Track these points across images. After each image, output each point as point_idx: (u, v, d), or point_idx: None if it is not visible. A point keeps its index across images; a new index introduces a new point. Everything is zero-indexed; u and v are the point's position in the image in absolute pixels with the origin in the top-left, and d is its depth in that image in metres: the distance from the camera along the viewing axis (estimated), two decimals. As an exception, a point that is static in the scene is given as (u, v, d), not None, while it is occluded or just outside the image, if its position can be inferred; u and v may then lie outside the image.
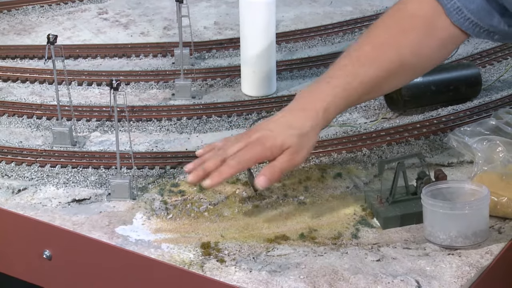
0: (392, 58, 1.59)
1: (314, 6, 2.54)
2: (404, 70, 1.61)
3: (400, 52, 1.59)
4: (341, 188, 1.75)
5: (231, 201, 1.72)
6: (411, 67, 1.62)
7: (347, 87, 1.58)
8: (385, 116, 1.99)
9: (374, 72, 1.59)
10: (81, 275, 1.69)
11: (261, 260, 1.56)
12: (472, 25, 1.55)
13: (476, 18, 1.54)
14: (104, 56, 2.27)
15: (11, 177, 1.80)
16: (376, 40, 1.62)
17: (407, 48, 1.59)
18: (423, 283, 1.49)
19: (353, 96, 1.60)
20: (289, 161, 1.57)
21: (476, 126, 1.80)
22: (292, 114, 1.61)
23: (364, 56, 1.60)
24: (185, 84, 2.07)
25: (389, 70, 1.59)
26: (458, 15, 1.55)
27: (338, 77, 1.60)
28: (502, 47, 2.23)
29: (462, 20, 1.55)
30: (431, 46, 1.60)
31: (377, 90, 1.64)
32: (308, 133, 1.58)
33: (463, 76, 2.01)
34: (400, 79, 1.65)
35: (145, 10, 2.55)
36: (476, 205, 1.56)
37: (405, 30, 1.59)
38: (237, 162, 1.57)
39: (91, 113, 2.01)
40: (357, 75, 1.59)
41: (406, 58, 1.59)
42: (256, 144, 1.58)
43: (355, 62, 1.60)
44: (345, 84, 1.58)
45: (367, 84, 1.59)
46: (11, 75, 2.18)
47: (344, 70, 1.61)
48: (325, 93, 1.59)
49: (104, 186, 1.77)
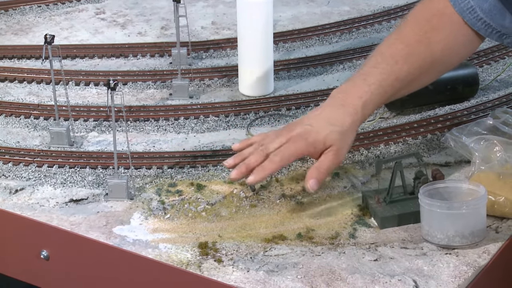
0: (424, 55, 1.61)
1: (311, 6, 2.54)
2: (435, 67, 1.63)
3: (431, 49, 1.60)
4: (338, 188, 1.75)
5: (228, 201, 1.72)
6: (441, 63, 1.64)
7: (383, 84, 1.60)
8: (383, 115, 1.99)
9: (408, 69, 1.61)
10: (78, 275, 1.69)
11: (259, 260, 1.56)
12: (485, 25, 1.56)
13: (488, 18, 1.55)
14: (101, 56, 2.27)
15: (8, 177, 1.80)
16: (407, 38, 1.63)
17: (438, 45, 1.60)
18: (421, 282, 1.49)
19: (389, 92, 1.62)
20: (334, 159, 1.58)
21: (473, 125, 1.80)
22: (332, 110, 1.61)
23: (397, 53, 1.62)
24: (183, 84, 2.07)
25: (422, 66, 1.61)
26: (471, 15, 1.56)
27: (373, 74, 1.61)
28: (499, 47, 2.23)
29: (474, 20, 1.56)
30: (459, 43, 1.61)
31: (411, 86, 1.66)
32: (348, 130, 1.59)
33: (460, 75, 2.01)
34: (431, 75, 1.67)
35: (143, 10, 2.55)
36: (473, 204, 1.56)
37: (434, 27, 1.60)
38: (280, 158, 1.57)
39: (89, 113, 2.01)
40: (392, 72, 1.60)
41: (437, 55, 1.61)
42: (298, 139, 1.58)
43: (389, 60, 1.62)
44: (380, 81, 1.60)
45: (401, 80, 1.61)
46: (8, 75, 2.18)
47: (378, 67, 1.62)
48: (362, 90, 1.60)
49: (102, 186, 1.76)
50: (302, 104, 2.03)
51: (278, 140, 1.59)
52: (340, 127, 1.58)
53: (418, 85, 1.69)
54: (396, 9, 2.46)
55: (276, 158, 1.56)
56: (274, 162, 1.56)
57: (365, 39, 2.32)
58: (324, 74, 2.17)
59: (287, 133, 1.60)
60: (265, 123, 1.98)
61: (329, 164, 1.58)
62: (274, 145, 1.58)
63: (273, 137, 1.61)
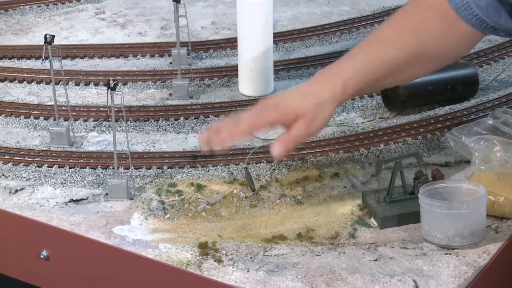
0: (413, 43, 1.59)
1: (311, 6, 2.54)
2: (424, 59, 1.61)
3: (421, 38, 1.59)
4: (338, 188, 1.75)
5: (228, 201, 1.72)
6: (432, 57, 1.62)
7: (369, 65, 1.58)
8: (383, 115, 1.99)
9: (395, 53, 1.59)
10: (78, 275, 1.69)
11: (259, 260, 1.56)
12: (480, 21, 1.56)
13: (483, 15, 1.54)
14: (101, 56, 2.27)
15: (8, 177, 1.80)
16: (397, 25, 1.62)
17: (429, 36, 1.59)
18: (421, 282, 1.49)
19: (373, 75, 1.59)
20: (305, 129, 1.54)
21: (473, 125, 1.80)
22: (310, 85, 1.59)
23: (385, 38, 1.61)
24: (183, 84, 2.07)
25: (410, 54, 1.59)
26: (466, 11, 1.55)
27: (359, 56, 1.60)
28: (499, 47, 2.23)
29: (469, 16, 1.55)
30: (452, 39, 1.60)
31: (398, 75, 1.63)
32: (324, 103, 1.56)
33: (460, 75, 2.01)
34: (420, 68, 1.64)
35: (142, 10, 2.55)
36: (473, 204, 1.56)
37: (427, 19, 1.60)
38: (248, 123, 1.55)
39: (89, 113, 2.01)
40: (378, 55, 1.59)
41: (427, 46, 1.59)
42: (269, 108, 1.56)
43: (376, 43, 1.61)
44: (366, 61, 1.58)
45: (387, 65, 1.58)
46: (8, 75, 2.18)
47: (365, 50, 1.61)
48: (345, 68, 1.58)
49: (102, 186, 1.76)
50: (302, 104, 2.02)
51: (251, 112, 1.57)
52: (315, 99, 1.55)
53: (407, 76, 1.66)
54: (396, 9, 2.46)
55: (243, 124, 1.54)
56: (243, 128, 1.54)
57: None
58: (324, 74, 2.17)
59: (259, 105, 1.58)
60: (265, 123, 1.98)
61: (299, 132, 1.54)
62: (246, 115, 1.57)
63: (247, 112, 1.59)
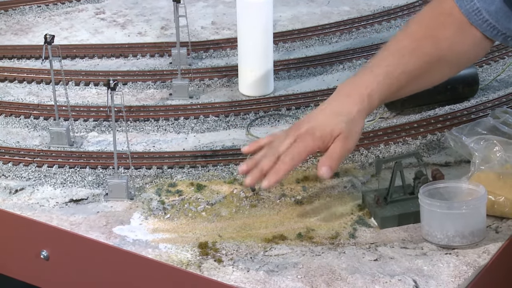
0: (431, 51, 1.61)
1: (311, 6, 2.54)
2: (441, 65, 1.63)
3: (438, 45, 1.60)
4: (338, 187, 1.75)
5: (228, 201, 1.72)
6: (449, 62, 1.63)
7: (390, 76, 1.60)
8: (383, 115, 1.99)
9: (415, 63, 1.61)
10: (78, 275, 1.69)
11: (259, 260, 1.56)
12: (490, 27, 1.56)
13: (494, 20, 1.55)
14: (101, 56, 2.27)
15: (8, 177, 1.80)
16: (414, 34, 1.64)
17: (445, 42, 1.60)
18: (421, 282, 1.49)
19: (395, 84, 1.61)
20: (343, 146, 1.57)
21: (473, 125, 1.80)
22: (338, 102, 1.61)
23: (404, 48, 1.63)
24: (183, 84, 2.07)
25: (429, 62, 1.61)
26: (476, 17, 1.56)
27: (380, 67, 1.62)
28: (499, 47, 2.23)
29: (480, 22, 1.56)
30: (466, 43, 1.61)
31: (418, 83, 1.65)
32: (355, 118, 1.59)
33: (460, 75, 2.01)
34: (438, 74, 1.66)
35: (142, 10, 2.55)
36: (473, 204, 1.56)
37: (442, 25, 1.61)
38: (290, 158, 1.57)
39: (89, 113, 2.01)
40: (399, 65, 1.61)
41: (443, 52, 1.61)
42: (306, 136, 1.58)
43: (396, 54, 1.62)
44: (387, 72, 1.60)
45: (408, 74, 1.61)
46: (8, 75, 2.18)
47: (385, 60, 1.63)
48: (368, 81, 1.60)
49: (102, 186, 1.76)
50: (302, 104, 2.03)
51: (287, 141, 1.59)
52: (346, 116, 1.58)
53: (426, 83, 1.68)
54: (396, 9, 2.46)
55: (286, 158, 1.57)
56: (286, 163, 1.56)
57: (365, 39, 2.32)
58: (324, 74, 2.17)
59: (294, 132, 1.60)
60: (265, 123, 1.98)
61: (339, 150, 1.57)
62: (284, 146, 1.59)
63: (282, 138, 1.61)
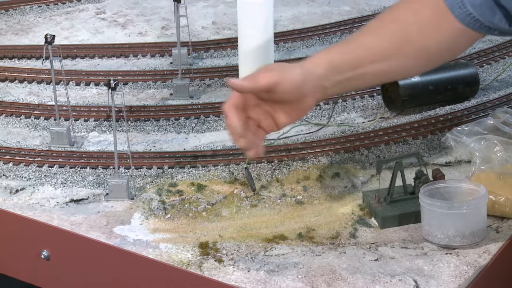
0: (396, 30, 1.57)
1: (312, 6, 2.54)
2: (413, 51, 1.58)
3: (406, 27, 1.57)
4: (339, 187, 1.75)
5: (229, 201, 1.72)
6: (421, 49, 1.58)
7: (351, 46, 1.56)
8: (383, 115, 1.99)
9: (377, 40, 1.57)
10: (79, 275, 1.69)
11: (259, 260, 1.56)
12: (474, 20, 1.55)
13: (477, 13, 1.54)
14: (102, 56, 2.27)
15: (9, 177, 1.80)
16: (383, 17, 1.61)
17: (414, 25, 1.56)
18: (421, 282, 1.49)
19: (358, 59, 1.55)
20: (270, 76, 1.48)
21: (474, 125, 1.80)
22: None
23: (370, 26, 1.60)
24: (183, 83, 2.07)
25: (393, 42, 1.57)
26: (460, 10, 1.54)
27: (341, 42, 1.58)
28: (499, 47, 2.23)
29: (464, 15, 1.54)
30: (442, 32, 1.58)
31: (383, 64, 1.57)
32: (293, 67, 1.51)
33: (461, 75, 2.01)
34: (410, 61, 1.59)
35: (143, 10, 2.55)
36: (474, 204, 1.56)
37: (414, 10, 1.58)
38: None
39: (89, 113, 2.01)
40: (362, 42, 1.56)
41: (412, 35, 1.56)
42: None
43: (360, 33, 1.59)
44: (348, 45, 1.57)
45: (371, 50, 1.56)
46: (9, 75, 2.18)
47: (348, 38, 1.59)
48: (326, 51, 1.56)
49: (102, 186, 1.76)
50: (302, 104, 2.02)
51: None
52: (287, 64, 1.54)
53: (396, 68, 1.59)
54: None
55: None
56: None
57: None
58: (324, 74, 2.17)
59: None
60: (266, 123, 1.98)
61: (262, 77, 1.49)
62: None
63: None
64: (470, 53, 2.20)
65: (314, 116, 1.99)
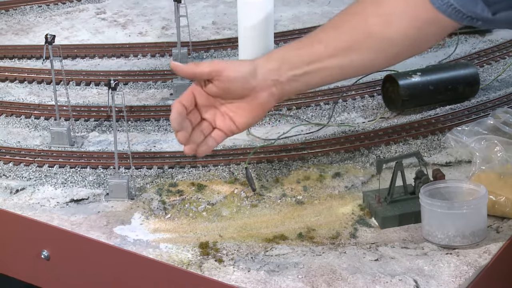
0: (357, 23, 1.52)
1: (312, 6, 2.54)
2: (375, 44, 1.55)
3: (367, 20, 1.51)
4: (339, 187, 1.75)
5: (229, 201, 1.72)
6: (386, 41, 1.55)
7: (308, 41, 1.53)
8: (383, 115, 1.99)
9: (336, 34, 1.53)
10: (79, 275, 1.69)
11: (260, 260, 1.56)
12: (455, 11, 1.52)
13: (459, 5, 1.51)
14: (102, 56, 2.27)
15: (9, 177, 1.80)
16: (345, 11, 1.57)
17: (376, 18, 1.51)
18: (421, 282, 1.49)
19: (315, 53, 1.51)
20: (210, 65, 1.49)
21: (474, 125, 1.80)
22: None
23: (331, 21, 1.55)
24: (183, 83, 2.07)
25: (353, 35, 1.53)
26: (441, 1, 1.52)
27: (300, 39, 1.55)
28: (499, 47, 2.23)
29: (445, 7, 1.51)
30: (413, 21, 1.54)
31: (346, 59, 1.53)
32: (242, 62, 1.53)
33: (461, 75, 2.01)
34: (374, 55, 1.54)
35: (143, 10, 2.55)
36: (474, 204, 1.56)
37: (376, 2, 1.55)
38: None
39: (89, 113, 2.01)
40: (320, 37, 1.53)
41: (374, 28, 1.52)
42: None
43: (320, 28, 1.55)
44: (306, 40, 1.53)
45: (329, 44, 1.52)
46: (9, 75, 2.18)
47: (308, 34, 1.55)
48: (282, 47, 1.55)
49: (102, 186, 1.76)
50: (302, 104, 2.02)
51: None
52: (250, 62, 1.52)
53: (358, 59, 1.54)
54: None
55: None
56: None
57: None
58: (324, 74, 2.17)
59: None
60: (266, 123, 1.98)
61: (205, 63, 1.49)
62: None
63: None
64: (470, 53, 2.20)
65: (314, 116, 1.99)
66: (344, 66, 1.53)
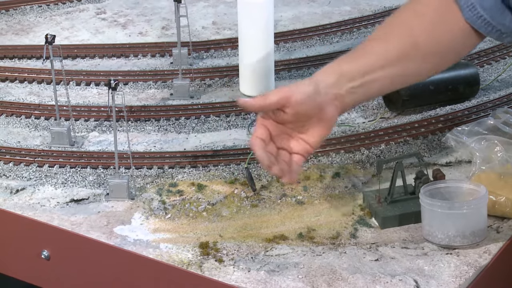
0: (403, 35, 1.56)
1: (312, 6, 2.54)
2: (421, 54, 1.57)
3: (412, 32, 1.56)
4: (339, 187, 1.75)
5: (229, 201, 1.72)
6: (429, 51, 1.57)
7: (359, 54, 1.57)
8: (384, 116, 1.99)
9: (383, 46, 1.57)
10: (79, 275, 1.69)
11: (260, 260, 1.56)
12: (484, 23, 1.54)
13: (488, 16, 1.53)
14: (102, 56, 2.27)
15: (9, 177, 1.80)
16: (388, 23, 1.61)
17: (420, 28, 1.56)
18: (421, 282, 1.49)
19: (367, 65, 1.55)
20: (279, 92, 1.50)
21: (474, 125, 1.80)
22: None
23: (376, 33, 1.60)
24: (183, 84, 2.07)
25: (400, 48, 1.56)
26: (471, 12, 1.54)
27: (349, 52, 1.58)
28: (500, 47, 2.23)
29: (475, 18, 1.54)
30: (448, 32, 1.57)
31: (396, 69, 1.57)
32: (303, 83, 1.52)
33: (461, 75, 2.01)
34: (420, 64, 1.59)
35: (143, 10, 2.55)
36: (474, 204, 1.56)
37: (417, 13, 1.57)
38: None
39: (89, 113, 2.01)
40: (369, 49, 1.56)
41: (419, 39, 1.56)
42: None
43: (367, 41, 1.59)
44: (356, 53, 1.57)
45: (379, 56, 1.56)
46: (9, 75, 2.18)
47: (356, 47, 1.59)
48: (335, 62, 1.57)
49: (103, 186, 1.77)
50: (303, 104, 2.02)
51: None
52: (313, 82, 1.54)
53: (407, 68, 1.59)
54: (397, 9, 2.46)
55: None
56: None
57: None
58: (325, 74, 2.17)
59: None
60: (266, 123, 1.98)
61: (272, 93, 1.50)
62: None
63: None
64: (471, 53, 2.20)
65: (315, 116, 1.99)
66: (396, 76, 1.58)
